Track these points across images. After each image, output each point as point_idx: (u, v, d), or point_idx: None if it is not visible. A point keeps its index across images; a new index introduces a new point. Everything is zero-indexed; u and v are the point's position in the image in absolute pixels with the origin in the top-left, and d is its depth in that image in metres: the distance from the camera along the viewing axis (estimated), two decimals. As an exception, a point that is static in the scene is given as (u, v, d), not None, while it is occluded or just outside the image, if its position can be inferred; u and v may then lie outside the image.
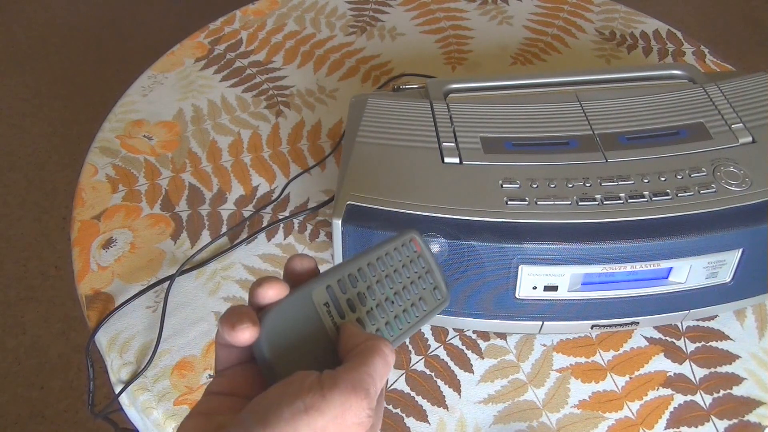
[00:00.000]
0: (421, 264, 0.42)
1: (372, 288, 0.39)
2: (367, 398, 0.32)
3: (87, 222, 0.74)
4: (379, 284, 0.39)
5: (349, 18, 1.02)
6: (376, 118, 0.65)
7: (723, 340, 0.65)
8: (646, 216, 0.56)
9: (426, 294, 0.41)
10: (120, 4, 2.39)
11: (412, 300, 0.41)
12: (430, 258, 0.43)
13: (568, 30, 1.00)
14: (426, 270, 0.42)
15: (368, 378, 0.33)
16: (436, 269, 0.43)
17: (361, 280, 0.39)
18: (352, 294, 0.38)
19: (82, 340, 1.46)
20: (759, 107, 0.65)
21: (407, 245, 0.42)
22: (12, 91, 2.05)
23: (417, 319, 0.40)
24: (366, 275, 0.39)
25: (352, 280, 0.38)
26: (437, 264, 0.43)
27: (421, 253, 0.42)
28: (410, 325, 0.40)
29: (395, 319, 0.39)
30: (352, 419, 0.32)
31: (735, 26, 2.30)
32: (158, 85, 0.90)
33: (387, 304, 0.39)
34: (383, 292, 0.39)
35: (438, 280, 0.43)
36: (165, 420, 0.59)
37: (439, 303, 0.42)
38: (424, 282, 0.42)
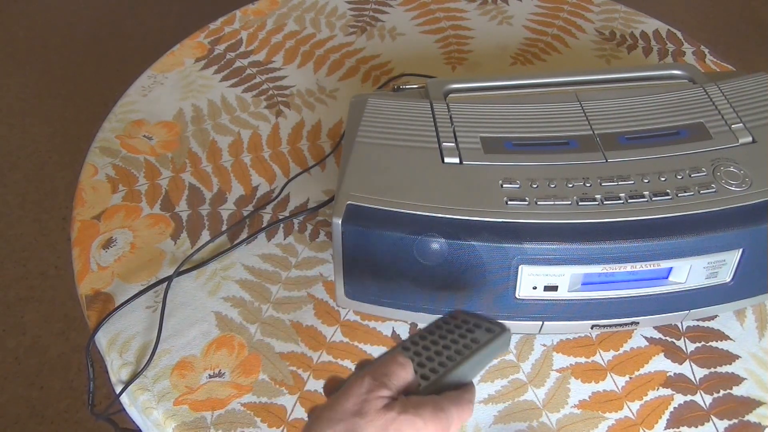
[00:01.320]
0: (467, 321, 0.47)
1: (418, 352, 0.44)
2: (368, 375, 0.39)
3: (87, 222, 0.74)
4: (424, 348, 0.45)
5: (349, 18, 1.02)
6: (376, 118, 0.65)
7: (723, 340, 0.65)
8: (646, 216, 0.56)
9: (478, 335, 0.45)
10: (120, 4, 2.39)
11: (463, 343, 0.45)
12: (475, 315, 0.48)
13: (568, 30, 1.00)
14: (473, 324, 0.47)
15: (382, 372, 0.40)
16: (485, 320, 0.47)
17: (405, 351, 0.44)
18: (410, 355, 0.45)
19: (82, 340, 1.46)
20: (759, 107, 0.65)
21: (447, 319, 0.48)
22: (12, 91, 2.05)
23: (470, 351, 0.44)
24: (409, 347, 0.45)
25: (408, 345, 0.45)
26: (485, 318, 0.47)
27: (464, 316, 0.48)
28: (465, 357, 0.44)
29: (447, 359, 0.44)
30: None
31: (735, 26, 2.30)
32: (158, 85, 0.90)
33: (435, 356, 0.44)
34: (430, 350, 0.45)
35: (488, 324, 0.46)
36: (165, 420, 0.59)
37: (495, 335, 0.45)
38: (474, 331, 0.46)
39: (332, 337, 0.65)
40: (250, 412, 0.59)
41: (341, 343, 0.64)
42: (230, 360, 0.63)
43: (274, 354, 0.63)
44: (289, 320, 0.66)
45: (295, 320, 0.66)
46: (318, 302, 0.67)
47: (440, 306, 0.59)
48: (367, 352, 0.63)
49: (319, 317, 0.66)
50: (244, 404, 0.60)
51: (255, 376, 0.62)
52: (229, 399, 0.60)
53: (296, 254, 0.71)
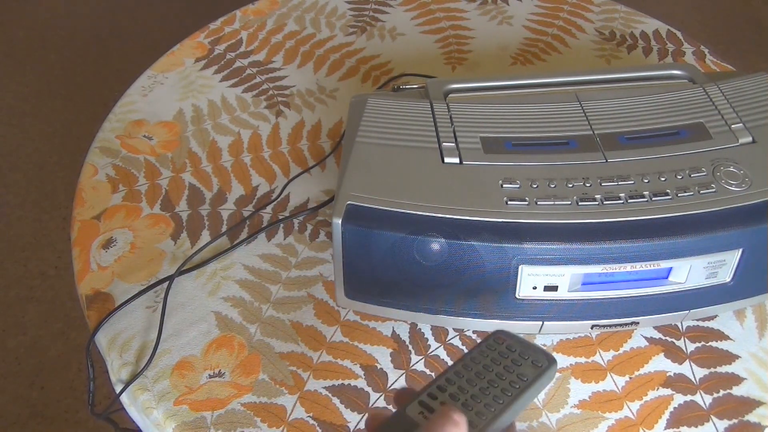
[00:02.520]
0: (512, 350, 0.45)
1: (463, 387, 0.42)
2: None
3: (87, 222, 0.74)
4: (468, 382, 0.43)
5: (349, 18, 1.02)
6: (376, 118, 0.65)
7: (723, 340, 0.65)
8: (646, 216, 0.56)
9: (525, 369, 0.44)
10: (120, 4, 2.39)
11: (509, 379, 0.43)
12: (521, 343, 0.46)
13: (568, 30, 1.00)
14: (518, 352, 0.45)
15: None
16: (531, 348, 0.45)
17: (450, 385, 0.43)
18: (444, 397, 0.42)
19: (82, 340, 1.46)
20: (759, 107, 0.65)
21: (492, 345, 0.46)
22: (12, 91, 2.05)
23: (518, 390, 0.42)
24: (455, 380, 0.43)
25: (442, 387, 0.43)
26: (531, 344, 0.46)
27: (510, 343, 0.46)
28: (512, 397, 0.42)
29: (494, 399, 0.42)
30: None
31: (735, 26, 2.30)
32: (158, 85, 0.90)
33: (482, 393, 0.42)
34: (475, 386, 0.43)
35: (535, 354, 0.45)
36: (165, 420, 0.59)
37: (542, 369, 0.44)
38: (518, 362, 0.44)
39: (332, 337, 0.65)
40: (250, 412, 0.59)
41: (341, 343, 0.64)
42: (230, 360, 0.63)
43: (274, 354, 0.63)
44: (289, 320, 0.66)
45: (295, 320, 0.66)
46: (318, 302, 0.67)
47: (440, 306, 0.59)
48: (367, 352, 0.63)
49: (319, 317, 0.66)
50: (244, 404, 0.60)
51: (255, 376, 0.62)
52: (229, 399, 0.60)
53: (296, 254, 0.71)
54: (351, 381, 0.61)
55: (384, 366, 0.63)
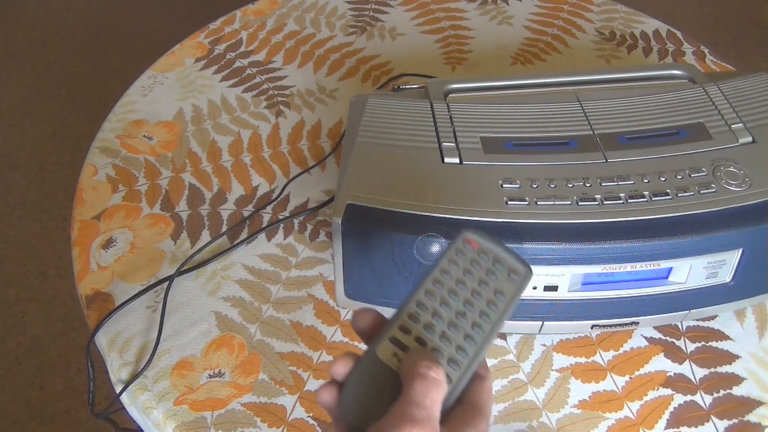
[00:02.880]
0: (485, 259, 0.40)
1: (438, 313, 0.38)
2: (414, 425, 0.32)
3: (87, 222, 0.74)
4: (444, 306, 0.38)
5: (349, 18, 1.02)
6: (376, 118, 0.65)
7: (723, 340, 0.65)
8: (646, 216, 0.56)
9: (501, 284, 0.39)
10: (120, 4, 2.39)
11: (488, 298, 0.38)
12: (492, 247, 0.40)
13: (568, 30, 1.00)
14: (493, 260, 0.39)
15: (410, 407, 0.33)
16: (504, 253, 0.40)
17: (423, 312, 0.38)
18: (418, 330, 0.37)
19: (82, 340, 1.46)
20: (759, 107, 0.65)
21: (462, 250, 0.40)
22: (12, 91, 2.05)
23: (500, 311, 0.38)
24: (427, 304, 0.38)
25: (414, 318, 0.38)
26: (503, 247, 0.40)
27: (481, 248, 0.40)
28: (494, 322, 0.37)
29: (474, 328, 0.37)
30: None
31: (735, 26, 2.30)
32: (158, 85, 0.90)
33: (460, 319, 0.38)
34: (452, 309, 0.38)
35: (509, 262, 0.39)
36: (165, 420, 0.59)
37: (519, 283, 0.39)
38: (495, 274, 0.39)
39: (332, 337, 0.65)
40: (250, 412, 0.59)
41: (341, 343, 0.64)
42: (230, 360, 0.63)
43: (274, 354, 0.63)
44: (289, 320, 0.66)
45: (295, 320, 0.66)
46: (318, 302, 0.67)
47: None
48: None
49: (319, 317, 0.66)
50: (244, 404, 0.60)
51: (255, 376, 0.62)
52: (229, 399, 0.60)
53: (296, 254, 0.71)
54: (351, 381, 0.61)
55: (384, 366, 0.62)
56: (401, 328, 0.38)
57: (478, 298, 0.38)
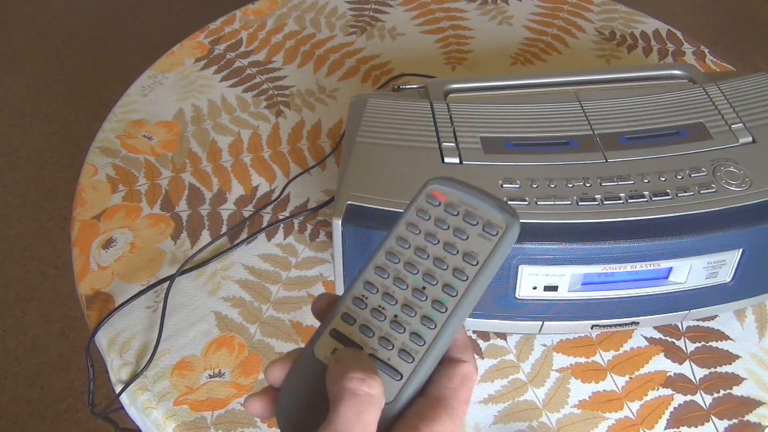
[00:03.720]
0: (453, 214, 0.31)
1: (390, 292, 0.31)
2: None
3: (87, 222, 0.74)
4: (397, 283, 0.31)
5: (349, 18, 1.02)
6: (376, 118, 0.65)
7: (723, 340, 0.65)
8: (646, 216, 0.56)
9: (473, 244, 0.30)
10: (120, 4, 2.39)
11: (454, 266, 0.30)
12: (463, 195, 0.31)
13: (568, 30, 1.00)
14: (463, 214, 0.31)
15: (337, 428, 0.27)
16: (478, 201, 0.31)
17: (372, 294, 0.31)
18: (363, 318, 0.31)
19: (82, 340, 1.46)
20: (759, 107, 0.65)
21: (424, 208, 0.32)
22: (12, 91, 2.05)
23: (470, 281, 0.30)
24: (377, 284, 0.31)
25: (360, 302, 0.31)
26: (478, 193, 0.31)
27: (449, 200, 0.32)
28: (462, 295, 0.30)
29: (435, 305, 0.30)
30: None
31: (735, 26, 2.30)
32: (158, 85, 0.90)
33: (417, 298, 0.30)
34: (408, 286, 0.31)
35: (485, 212, 0.31)
36: (165, 420, 0.59)
37: (497, 240, 0.30)
38: (465, 232, 0.31)
39: (332, 337, 0.65)
40: (250, 412, 0.59)
41: (341, 343, 0.64)
42: (230, 360, 0.63)
43: (274, 354, 0.63)
44: (289, 320, 0.66)
45: (295, 320, 0.66)
46: (318, 302, 0.67)
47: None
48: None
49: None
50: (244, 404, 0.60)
51: (255, 376, 0.62)
52: (229, 399, 0.60)
53: (296, 254, 0.71)
54: (351, 381, 0.61)
55: (384, 366, 0.62)
56: (344, 316, 0.31)
57: (441, 267, 0.30)
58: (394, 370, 0.30)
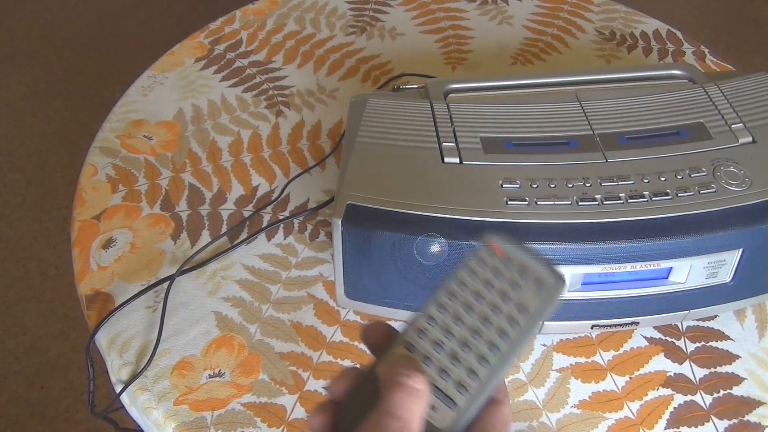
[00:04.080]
0: (510, 268, 0.35)
1: (449, 329, 0.34)
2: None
3: (87, 222, 0.74)
4: (457, 322, 0.34)
5: (349, 18, 1.02)
6: (376, 118, 0.65)
7: (723, 340, 0.65)
8: (646, 216, 0.56)
9: (526, 297, 0.34)
10: (120, 4, 2.39)
11: (508, 314, 0.34)
12: (519, 253, 0.35)
13: (568, 30, 1.00)
14: (518, 270, 0.34)
15: (386, 417, 0.31)
16: (531, 260, 0.34)
17: (433, 328, 0.34)
18: (424, 348, 0.34)
19: (82, 340, 1.46)
20: (759, 107, 0.65)
21: (484, 258, 0.35)
22: (12, 91, 2.05)
23: (522, 330, 0.33)
24: (438, 320, 0.34)
25: (422, 334, 0.34)
26: (531, 254, 0.35)
27: (506, 255, 0.35)
28: (514, 342, 0.33)
29: (491, 348, 0.33)
30: None
31: (735, 26, 2.30)
32: (158, 85, 0.90)
33: (474, 338, 0.34)
34: (467, 326, 0.34)
35: (537, 271, 0.34)
36: (165, 420, 0.59)
37: (546, 297, 0.33)
38: (520, 285, 0.34)
39: (332, 337, 0.65)
40: (250, 412, 0.59)
41: (341, 343, 0.64)
42: (230, 360, 0.63)
43: (274, 354, 0.63)
44: (289, 320, 0.66)
45: (295, 320, 0.66)
46: (318, 302, 0.67)
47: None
48: (368, 353, 0.63)
49: (319, 317, 0.66)
50: (244, 404, 0.60)
51: (255, 376, 0.62)
52: (229, 399, 0.60)
53: (296, 254, 0.71)
54: (351, 381, 0.61)
55: (384, 366, 0.62)
56: (407, 344, 0.35)
57: (497, 314, 0.34)
58: (449, 399, 0.33)
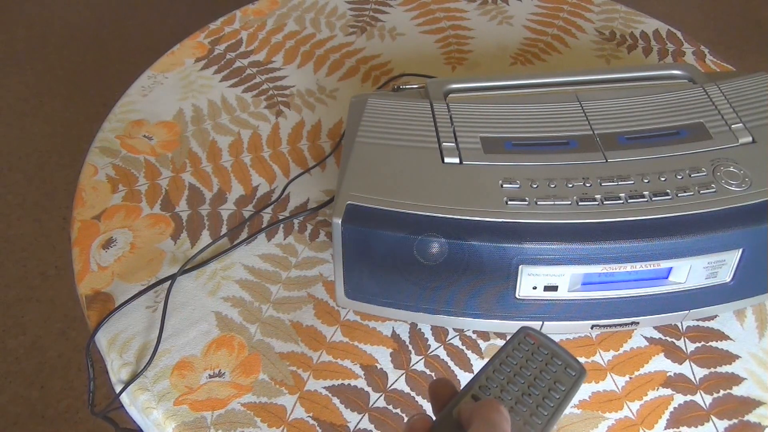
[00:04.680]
0: (543, 352, 0.44)
1: (505, 389, 0.42)
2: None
3: (87, 222, 0.74)
4: (510, 384, 0.42)
5: (349, 18, 1.02)
6: (376, 118, 0.65)
7: (723, 340, 0.65)
8: (646, 216, 0.56)
9: (559, 375, 0.43)
10: (120, 4, 2.39)
11: (548, 386, 0.42)
12: (550, 343, 0.45)
13: (568, 30, 1.00)
14: (550, 355, 0.44)
15: (490, 425, 0.36)
16: (560, 350, 0.45)
17: (492, 387, 0.42)
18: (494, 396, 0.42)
19: (82, 340, 1.46)
20: (759, 107, 0.65)
21: (523, 341, 0.45)
22: (12, 91, 2.05)
23: (558, 400, 0.42)
24: (495, 380, 0.42)
25: (484, 390, 0.42)
26: (559, 345, 0.45)
27: (540, 343, 0.45)
28: (554, 408, 0.41)
29: (538, 408, 0.41)
30: None
31: (735, 26, 2.30)
32: (158, 85, 0.90)
33: (525, 399, 0.41)
34: (517, 389, 0.42)
35: (566, 359, 0.44)
36: (165, 420, 0.59)
37: (575, 378, 0.43)
38: (553, 366, 0.44)
39: (332, 337, 0.65)
40: (250, 412, 0.59)
41: (341, 343, 0.64)
42: (230, 360, 0.63)
43: (274, 354, 0.63)
44: (289, 320, 0.66)
45: (295, 320, 0.66)
46: (318, 302, 0.67)
47: (440, 306, 0.59)
48: (367, 352, 0.63)
49: (319, 317, 0.66)
50: (244, 404, 0.60)
51: (255, 376, 0.62)
52: (229, 399, 0.60)
53: (296, 254, 0.71)
54: (351, 381, 0.62)
55: (384, 366, 0.63)
56: (474, 396, 0.42)
57: (539, 385, 0.42)
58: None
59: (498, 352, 0.45)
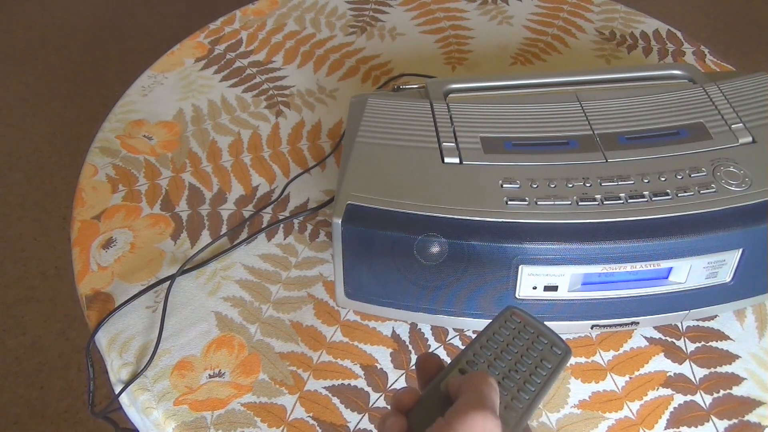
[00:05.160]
0: (530, 330, 0.45)
1: (492, 365, 0.42)
2: (485, 409, 0.36)
3: (87, 222, 0.74)
4: (497, 360, 0.43)
5: (349, 18, 1.02)
6: (376, 118, 0.65)
7: (723, 340, 0.65)
8: (646, 216, 0.56)
9: (546, 353, 0.43)
10: (120, 4, 2.39)
11: (534, 363, 0.43)
12: (536, 323, 0.45)
13: (568, 30, 1.00)
14: (536, 334, 0.44)
15: (480, 395, 0.37)
16: (546, 330, 0.45)
17: (479, 362, 0.43)
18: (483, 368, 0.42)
19: (82, 340, 1.46)
20: (759, 107, 0.65)
21: (510, 319, 0.45)
22: (12, 91, 2.05)
23: (545, 377, 0.42)
24: (482, 356, 0.43)
25: (472, 365, 0.42)
26: (544, 325, 0.45)
27: (526, 321, 0.45)
28: (540, 385, 0.42)
29: (525, 384, 0.42)
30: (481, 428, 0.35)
31: (735, 26, 2.30)
32: (158, 85, 0.90)
33: (512, 374, 0.42)
34: (504, 365, 0.43)
35: (551, 338, 0.44)
36: (165, 420, 0.59)
37: (561, 357, 0.43)
38: (539, 344, 0.44)
39: (332, 337, 0.65)
40: (250, 412, 0.59)
41: (341, 343, 0.64)
42: (230, 360, 0.63)
43: (274, 354, 0.63)
44: (289, 320, 0.66)
45: (295, 320, 0.66)
46: (318, 302, 0.67)
47: (440, 306, 0.59)
48: (367, 352, 0.63)
49: (319, 317, 0.66)
50: (244, 404, 0.60)
51: (255, 376, 0.62)
52: (229, 399, 0.60)
53: (296, 254, 0.71)
54: (351, 381, 0.62)
55: (384, 366, 0.63)
56: (461, 371, 0.42)
57: (526, 362, 0.43)
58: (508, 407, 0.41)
59: (484, 329, 0.45)
